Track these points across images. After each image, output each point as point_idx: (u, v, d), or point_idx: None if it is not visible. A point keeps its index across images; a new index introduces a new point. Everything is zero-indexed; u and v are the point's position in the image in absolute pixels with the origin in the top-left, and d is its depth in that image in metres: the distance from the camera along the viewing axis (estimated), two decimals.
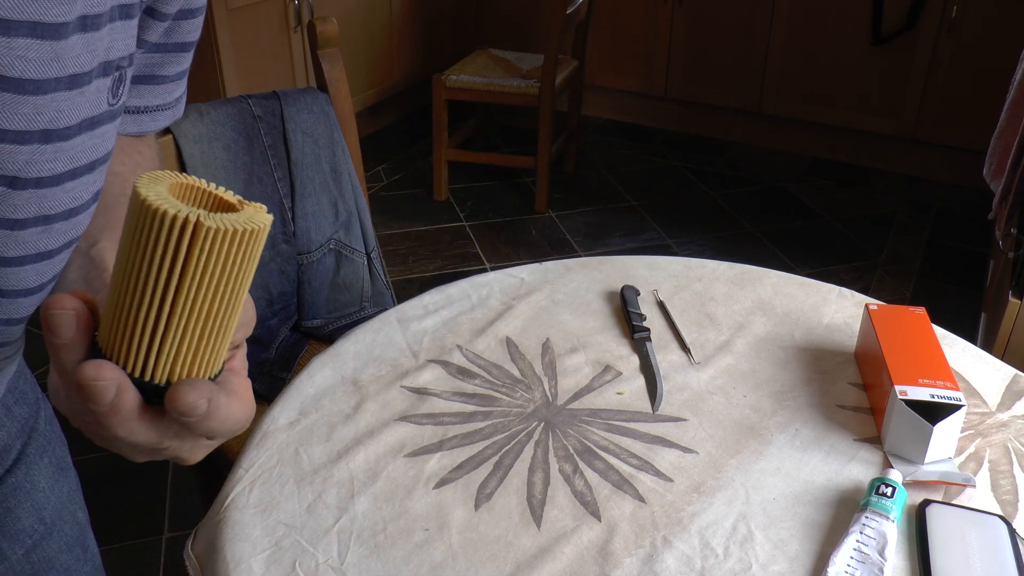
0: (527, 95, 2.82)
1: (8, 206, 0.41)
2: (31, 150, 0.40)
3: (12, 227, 0.42)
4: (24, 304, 0.46)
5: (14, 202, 0.41)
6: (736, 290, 1.07)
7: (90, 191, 0.46)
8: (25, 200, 0.42)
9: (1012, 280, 1.79)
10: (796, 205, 3.16)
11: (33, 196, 0.42)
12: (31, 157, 0.40)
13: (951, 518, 0.72)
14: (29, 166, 0.41)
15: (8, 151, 0.39)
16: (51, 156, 0.41)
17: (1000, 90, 2.34)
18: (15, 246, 0.43)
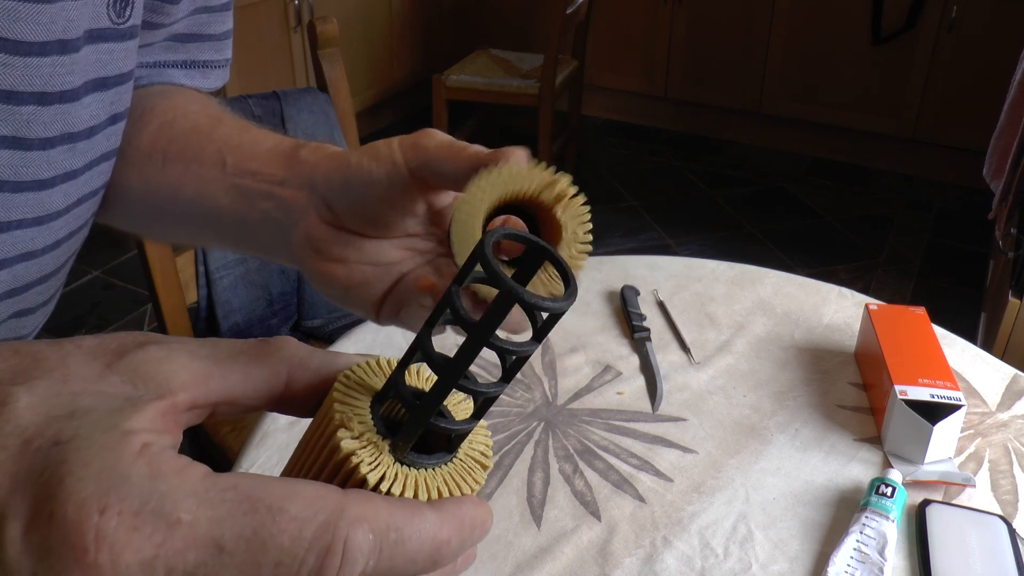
0: (527, 95, 2.82)
1: (39, 124, 0.42)
2: (52, 62, 0.40)
3: (44, 147, 0.42)
4: (55, 228, 0.46)
5: (43, 119, 0.42)
6: (736, 290, 1.07)
7: (107, 111, 0.46)
8: (52, 117, 0.42)
9: (1012, 280, 1.79)
10: (796, 205, 3.16)
11: (59, 112, 0.42)
12: (53, 69, 0.40)
13: (951, 518, 0.72)
14: (52, 79, 0.41)
15: (34, 64, 0.39)
16: (69, 68, 0.41)
17: (1000, 90, 2.34)
18: (47, 167, 0.43)
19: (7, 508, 0.20)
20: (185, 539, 0.20)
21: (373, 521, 0.23)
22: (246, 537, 0.21)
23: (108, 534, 0.20)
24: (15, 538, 0.20)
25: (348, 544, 0.22)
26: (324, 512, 0.22)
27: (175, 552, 0.20)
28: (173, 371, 0.24)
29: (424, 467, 0.25)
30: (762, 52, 3.39)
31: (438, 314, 0.25)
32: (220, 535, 0.21)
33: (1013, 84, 2.09)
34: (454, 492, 0.25)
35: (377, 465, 0.24)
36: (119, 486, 0.20)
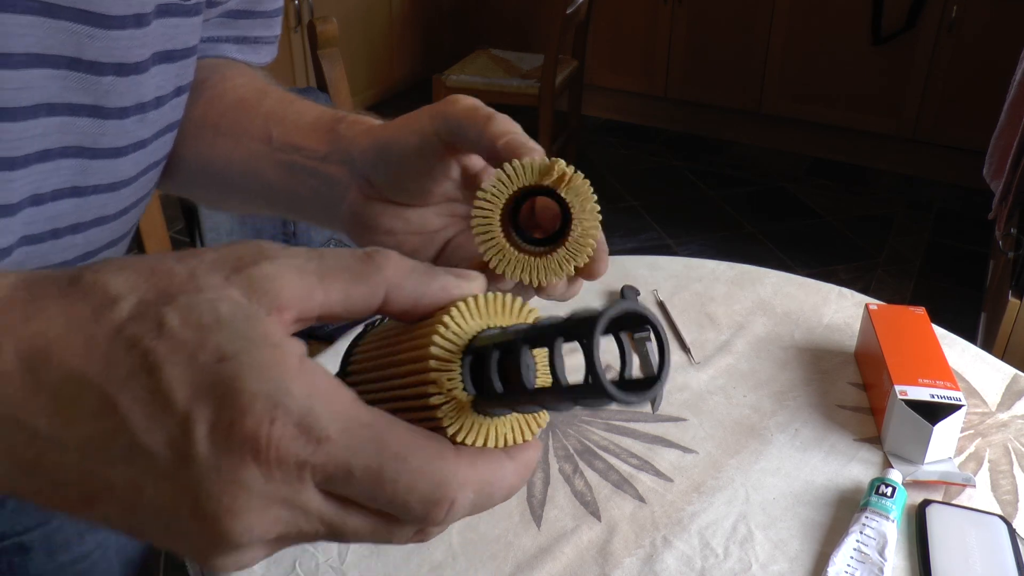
0: (527, 95, 2.82)
1: (116, 94, 0.44)
2: (129, 35, 0.43)
3: (119, 116, 0.45)
4: (125, 195, 0.48)
5: (120, 89, 0.44)
6: (736, 290, 1.07)
7: (172, 83, 0.48)
8: (127, 87, 0.44)
9: (1012, 280, 1.79)
10: (796, 205, 3.16)
11: (132, 83, 0.44)
12: (129, 42, 0.43)
13: (951, 518, 0.72)
14: (129, 51, 0.43)
15: (114, 36, 0.42)
16: (141, 41, 0.44)
17: (1000, 90, 2.34)
18: (122, 135, 0.45)
19: (193, 413, 0.24)
20: (327, 455, 0.24)
21: (475, 483, 0.27)
22: (371, 471, 0.25)
23: (275, 439, 0.24)
24: (202, 438, 0.24)
25: (455, 503, 0.26)
26: (439, 471, 0.26)
27: (318, 464, 0.24)
28: (283, 287, 0.26)
29: (495, 416, 0.28)
30: (762, 52, 3.39)
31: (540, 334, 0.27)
32: (351, 463, 0.25)
33: (1013, 84, 2.09)
34: (518, 439, 0.29)
35: (457, 420, 0.27)
36: (284, 400, 0.24)
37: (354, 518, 0.26)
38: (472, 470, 0.27)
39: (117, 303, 0.25)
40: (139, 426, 0.24)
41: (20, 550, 0.63)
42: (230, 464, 0.24)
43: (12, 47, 0.38)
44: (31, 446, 0.25)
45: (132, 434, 0.24)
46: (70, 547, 0.67)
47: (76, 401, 0.25)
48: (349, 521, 0.26)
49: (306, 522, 0.26)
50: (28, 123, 0.40)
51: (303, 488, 0.25)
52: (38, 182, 0.43)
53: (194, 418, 0.24)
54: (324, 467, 0.25)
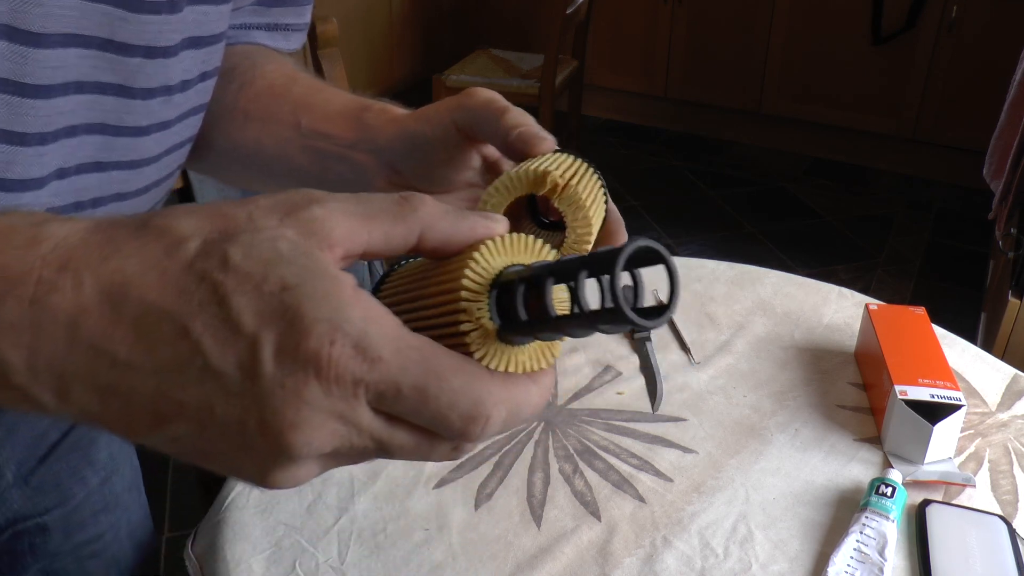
0: (527, 95, 2.82)
1: (143, 75, 0.46)
2: (161, 19, 0.45)
3: (145, 96, 0.47)
4: (147, 173, 0.50)
5: (147, 71, 0.46)
6: (736, 290, 1.07)
7: (199, 68, 0.50)
8: (155, 70, 0.46)
9: (1012, 280, 1.79)
10: (796, 205, 3.16)
11: (160, 66, 0.46)
12: (160, 27, 0.45)
13: (951, 518, 0.72)
14: (159, 35, 0.45)
15: (146, 20, 0.44)
16: (173, 27, 0.46)
17: (1000, 90, 2.34)
18: (146, 115, 0.47)
19: (260, 337, 0.27)
20: (380, 374, 0.27)
21: (508, 402, 0.29)
22: (418, 389, 0.28)
23: (335, 358, 0.26)
24: (269, 358, 0.26)
25: (491, 419, 0.29)
26: (476, 390, 0.29)
27: (372, 381, 0.27)
28: (333, 227, 0.29)
29: (518, 345, 0.31)
30: (762, 52, 3.39)
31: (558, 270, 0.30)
32: (401, 381, 0.27)
33: (1013, 84, 2.09)
34: (537, 366, 0.31)
35: (484, 349, 0.30)
36: (343, 325, 0.27)
37: (400, 434, 0.29)
38: (504, 390, 0.29)
39: (185, 242, 0.28)
40: (211, 350, 0.27)
41: (40, 530, 0.65)
42: (294, 381, 0.26)
43: (50, 27, 0.40)
44: (111, 372, 0.28)
45: (205, 356, 0.27)
46: (86, 527, 0.69)
47: (153, 330, 0.27)
48: (395, 437, 0.29)
49: (358, 437, 0.28)
50: (59, 100, 0.42)
51: (357, 404, 0.27)
52: (65, 156, 0.44)
53: (261, 341, 0.26)
54: (377, 385, 0.27)
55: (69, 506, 0.67)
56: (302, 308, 0.26)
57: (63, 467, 0.66)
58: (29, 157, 0.42)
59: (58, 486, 0.66)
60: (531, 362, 0.31)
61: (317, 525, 0.71)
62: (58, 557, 0.67)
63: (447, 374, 0.28)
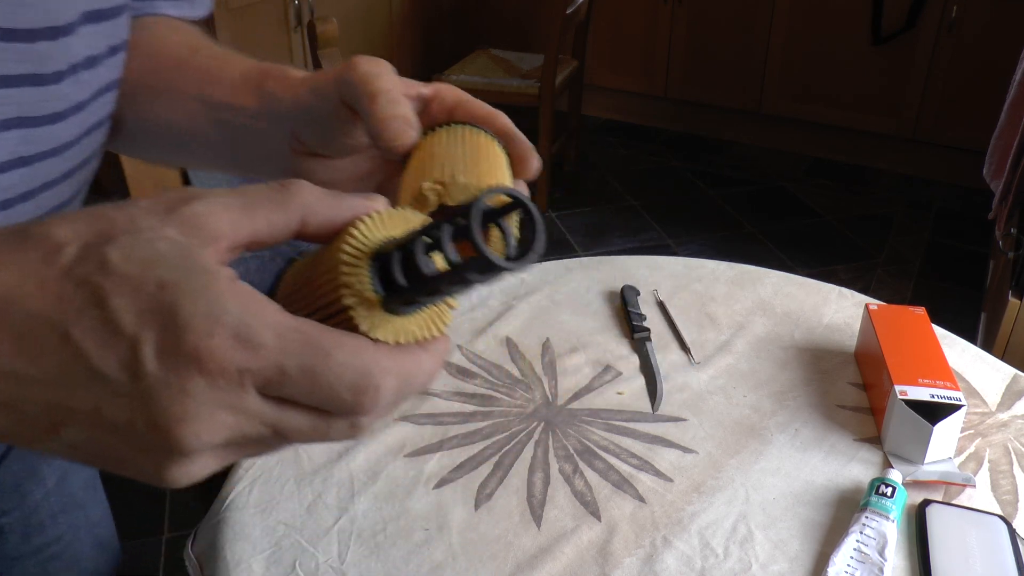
0: (527, 95, 2.82)
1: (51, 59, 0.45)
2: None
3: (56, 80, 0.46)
4: (69, 157, 0.49)
5: (54, 54, 0.45)
6: (736, 290, 1.07)
7: (104, 42, 0.49)
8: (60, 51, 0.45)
9: (1012, 280, 1.79)
10: (796, 205, 3.16)
11: (63, 46, 0.45)
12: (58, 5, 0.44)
13: (951, 518, 0.72)
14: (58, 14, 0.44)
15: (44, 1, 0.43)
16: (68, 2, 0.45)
17: (1000, 90, 2.34)
18: (60, 100, 0.46)
19: (140, 336, 0.27)
20: (264, 360, 0.27)
21: (396, 371, 0.30)
22: (303, 369, 0.28)
23: (216, 351, 0.27)
24: (151, 357, 0.27)
25: (380, 389, 0.29)
26: (362, 362, 0.29)
27: (256, 369, 0.27)
28: (214, 221, 0.29)
29: (405, 314, 0.31)
30: (762, 52, 3.39)
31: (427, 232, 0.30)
32: (285, 364, 0.28)
33: (1013, 84, 2.09)
34: (428, 334, 0.32)
35: (370, 320, 0.30)
36: (221, 316, 0.27)
37: (293, 416, 0.29)
38: (391, 360, 0.30)
39: (63, 248, 0.28)
40: (94, 353, 0.27)
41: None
42: (177, 377, 0.27)
43: None
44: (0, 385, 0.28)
45: (88, 360, 0.27)
46: (44, 529, 0.69)
47: (36, 339, 0.28)
48: (289, 420, 0.29)
49: (249, 425, 0.28)
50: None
51: (244, 393, 0.28)
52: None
53: (142, 340, 0.27)
54: (262, 371, 0.28)
55: (27, 508, 0.67)
56: (179, 304, 0.27)
57: (20, 467, 0.66)
58: None
59: (16, 488, 0.66)
60: (421, 331, 0.31)
61: (317, 525, 0.71)
62: (18, 561, 0.67)
63: (331, 350, 0.28)
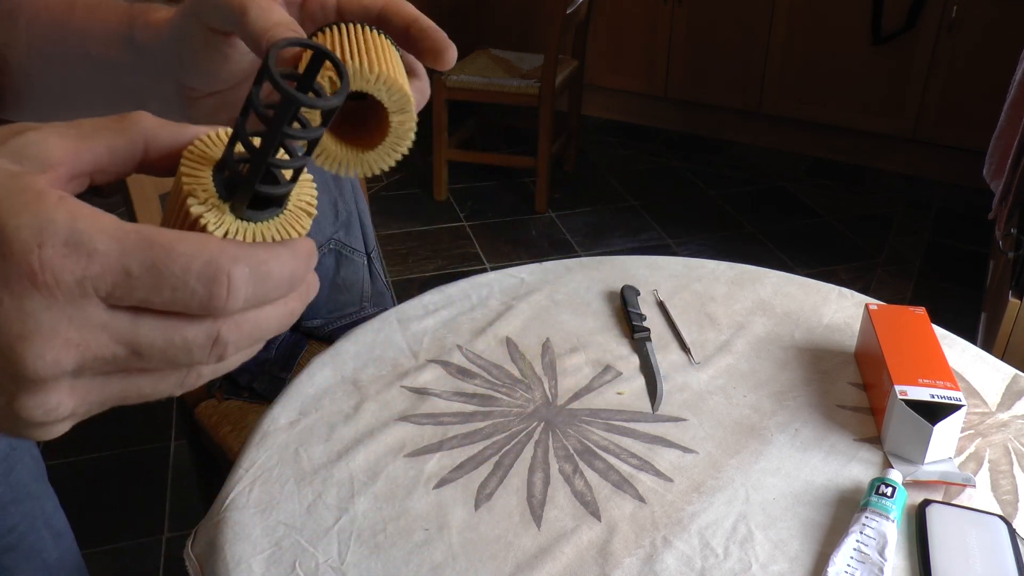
0: (527, 95, 2.82)
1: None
2: None
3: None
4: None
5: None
6: (736, 290, 1.07)
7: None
8: None
9: (1012, 280, 1.79)
10: (796, 205, 3.16)
11: None
12: None
13: (951, 518, 0.72)
14: None
15: None
16: None
17: (1000, 90, 2.34)
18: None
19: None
20: (102, 265, 0.26)
21: (247, 259, 0.28)
22: (147, 266, 0.27)
23: (47, 261, 0.25)
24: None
25: (231, 277, 0.28)
26: (207, 252, 0.27)
27: (96, 275, 0.26)
28: (49, 150, 0.29)
29: (259, 221, 0.30)
30: (762, 52, 3.39)
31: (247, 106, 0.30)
32: (128, 264, 0.26)
33: (1013, 84, 2.09)
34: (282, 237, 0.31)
35: (220, 224, 0.29)
36: (47, 226, 0.26)
37: (145, 324, 0.28)
38: (241, 249, 0.28)
39: None
40: None
41: None
42: (11, 295, 0.26)
43: None
44: None
45: None
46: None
47: None
48: (141, 329, 0.28)
49: (99, 342, 0.27)
50: None
51: (87, 303, 0.26)
52: None
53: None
54: (102, 277, 0.26)
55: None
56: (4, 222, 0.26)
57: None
58: None
59: None
60: (278, 234, 0.31)
61: (317, 525, 0.71)
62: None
63: (173, 244, 0.27)
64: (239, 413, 1.31)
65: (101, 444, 1.92)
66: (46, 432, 0.29)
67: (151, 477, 1.88)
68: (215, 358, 0.29)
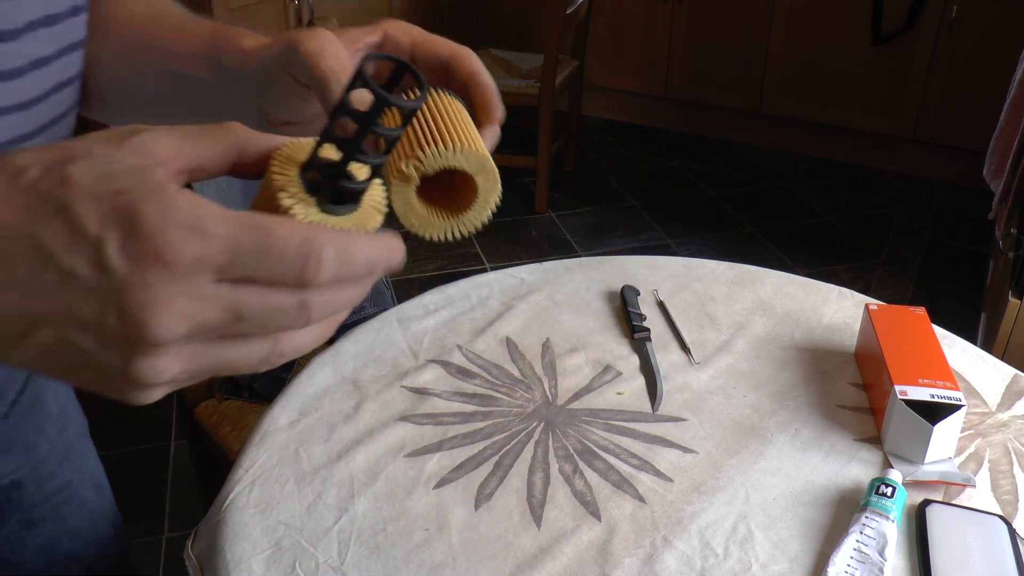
0: (527, 95, 2.82)
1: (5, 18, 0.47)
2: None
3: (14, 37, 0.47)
4: (38, 113, 0.51)
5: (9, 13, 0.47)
6: (736, 290, 1.07)
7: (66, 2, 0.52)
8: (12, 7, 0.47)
9: (1012, 280, 1.79)
10: (796, 205, 3.16)
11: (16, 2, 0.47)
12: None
13: (951, 518, 0.72)
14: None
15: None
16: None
17: (1000, 90, 2.34)
18: (19, 56, 0.48)
19: (104, 235, 0.30)
20: (217, 245, 0.30)
21: (334, 243, 0.32)
22: (254, 246, 0.31)
23: (172, 242, 0.30)
24: (115, 253, 0.30)
25: (321, 256, 0.32)
26: (303, 234, 0.32)
27: (211, 253, 0.30)
28: (163, 148, 0.33)
29: (338, 215, 0.35)
30: (762, 52, 3.39)
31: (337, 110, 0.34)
32: (236, 244, 0.31)
33: (1013, 84, 2.09)
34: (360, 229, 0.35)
35: (307, 215, 0.34)
36: (172, 212, 0.30)
37: (246, 293, 0.32)
38: (330, 233, 0.33)
39: (26, 170, 0.31)
40: (63, 255, 0.30)
41: (15, 486, 0.70)
42: (140, 270, 0.30)
43: None
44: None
45: (58, 262, 0.30)
46: (55, 476, 0.74)
47: (8, 248, 0.31)
48: (243, 297, 0.32)
49: (209, 310, 0.31)
50: None
51: (201, 278, 0.31)
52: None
53: (106, 240, 0.30)
54: (215, 256, 0.30)
55: (37, 459, 0.71)
56: (136, 207, 0.30)
57: (26, 423, 0.70)
58: None
59: (24, 442, 0.70)
60: (353, 227, 0.36)
61: (317, 525, 0.71)
62: (35, 507, 0.72)
63: (274, 227, 0.32)
64: (239, 413, 1.31)
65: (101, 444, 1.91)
66: (147, 395, 0.33)
67: (151, 477, 1.88)
68: (302, 321, 0.33)
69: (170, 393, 0.34)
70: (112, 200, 0.30)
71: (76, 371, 0.32)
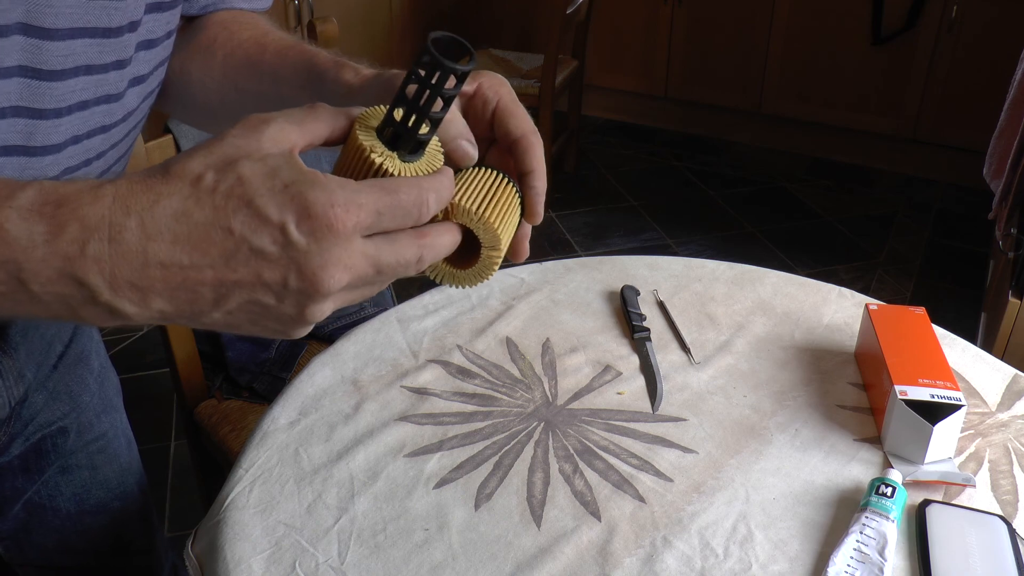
0: (527, 95, 2.81)
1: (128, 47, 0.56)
2: None
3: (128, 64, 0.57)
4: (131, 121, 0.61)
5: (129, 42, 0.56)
6: (736, 290, 1.07)
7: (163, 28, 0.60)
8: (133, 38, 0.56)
9: (1012, 280, 1.79)
10: (796, 205, 3.16)
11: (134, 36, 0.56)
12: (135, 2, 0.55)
13: (951, 518, 0.72)
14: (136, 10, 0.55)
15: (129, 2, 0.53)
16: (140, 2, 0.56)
17: (1000, 90, 2.34)
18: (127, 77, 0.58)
19: (285, 219, 0.39)
20: (366, 212, 0.40)
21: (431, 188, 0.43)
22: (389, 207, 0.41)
23: (338, 216, 0.39)
24: (295, 232, 0.39)
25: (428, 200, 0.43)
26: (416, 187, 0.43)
27: (363, 219, 0.40)
28: (291, 135, 0.42)
29: (413, 162, 0.45)
30: (762, 52, 3.39)
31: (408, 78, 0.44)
32: (378, 207, 0.41)
33: (1013, 84, 2.09)
34: (431, 169, 0.46)
35: (395, 167, 0.44)
36: (331, 191, 0.39)
37: (381, 244, 0.42)
38: (426, 180, 0.43)
39: (203, 177, 0.39)
40: (252, 237, 0.39)
41: (61, 432, 0.77)
42: (315, 239, 0.39)
43: (59, 23, 0.50)
44: (179, 275, 0.39)
45: (249, 243, 0.39)
46: (93, 427, 0.81)
47: (205, 237, 0.39)
48: (380, 248, 0.41)
49: (361, 264, 0.41)
50: (69, 82, 0.52)
51: (356, 239, 0.40)
52: (77, 126, 0.55)
53: (287, 221, 0.39)
54: (366, 220, 0.40)
55: (79, 409, 0.78)
56: (304, 195, 0.39)
57: (71, 375, 0.77)
58: (47, 128, 0.53)
59: (69, 392, 0.77)
60: (427, 168, 0.45)
61: (317, 525, 0.71)
62: (73, 454, 0.79)
63: (394, 187, 0.42)
64: (239, 413, 1.31)
65: None
66: (306, 331, 0.43)
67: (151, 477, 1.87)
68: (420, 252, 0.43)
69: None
70: (284, 192, 0.39)
71: (258, 322, 0.42)
